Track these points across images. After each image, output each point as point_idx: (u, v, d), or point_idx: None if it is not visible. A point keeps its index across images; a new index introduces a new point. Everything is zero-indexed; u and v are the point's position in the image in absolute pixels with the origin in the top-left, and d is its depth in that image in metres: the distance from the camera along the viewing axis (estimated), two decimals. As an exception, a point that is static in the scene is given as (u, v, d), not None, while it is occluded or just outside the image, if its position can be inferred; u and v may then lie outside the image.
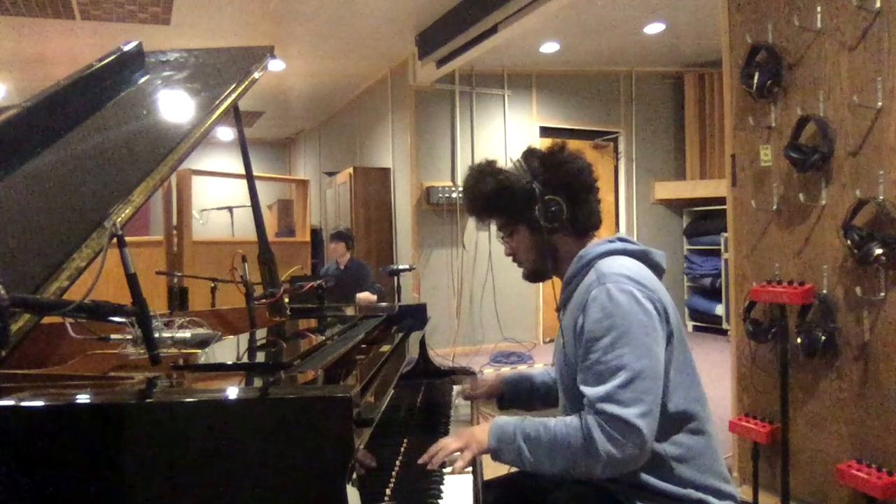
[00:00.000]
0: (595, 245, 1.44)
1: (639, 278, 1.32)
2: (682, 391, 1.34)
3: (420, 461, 1.32)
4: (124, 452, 0.89)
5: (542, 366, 5.67)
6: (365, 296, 5.13)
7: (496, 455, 1.33)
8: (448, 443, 1.34)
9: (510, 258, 1.54)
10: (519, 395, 1.74)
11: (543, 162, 1.44)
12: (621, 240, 1.44)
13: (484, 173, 1.47)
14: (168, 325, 1.42)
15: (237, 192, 6.98)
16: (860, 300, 2.35)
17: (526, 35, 5.53)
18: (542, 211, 1.41)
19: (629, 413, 1.21)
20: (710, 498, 1.32)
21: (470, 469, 1.32)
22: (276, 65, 6.30)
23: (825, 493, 2.50)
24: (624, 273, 1.32)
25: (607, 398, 1.23)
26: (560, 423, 1.28)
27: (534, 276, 1.52)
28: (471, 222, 6.56)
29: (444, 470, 1.32)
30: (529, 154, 1.48)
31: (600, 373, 1.25)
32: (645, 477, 1.31)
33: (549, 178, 1.42)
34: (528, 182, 1.41)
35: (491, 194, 1.45)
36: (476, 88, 6.64)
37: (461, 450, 1.33)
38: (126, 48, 1.81)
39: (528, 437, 1.29)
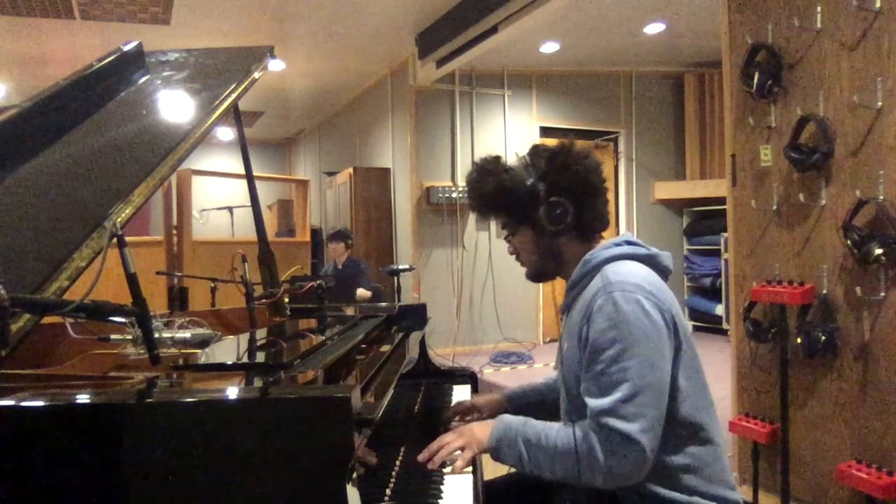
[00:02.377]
0: (601, 248, 1.40)
1: (647, 286, 1.28)
2: (691, 401, 1.31)
3: (420, 458, 1.31)
4: (124, 452, 0.89)
5: (541, 365, 5.69)
6: (360, 292, 5.15)
7: (496, 454, 1.31)
8: (449, 441, 1.32)
9: (513, 257, 1.51)
10: (522, 411, 1.66)
11: (550, 162, 1.40)
12: (629, 243, 1.40)
13: (488, 171, 1.43)
14: (168, 325, 1.42)
15: (237, 192, 6.97)
16: (860, 300, 2.35)
17: (526, 35, 5.53)
18: (546, 213, 1.37)
19: (630, 428, 1.18)
20: None
21: (470, 469, 1.32)
22: (276, 65, 6.30)
23: (825, 493, 2.50)
24: (631, 280, 1.28)
25: (609, 411, 1.20)
26: (562, 431, 1.27)
27: (536, 276, 1.50)
28: (471, 222, 6.56)
29: (444, 470, 1.31)
30: (536, 152, 1.43)
31: (604, 385, 1.23)
32: (652, 488, 1.29)
33: (555, 179, 1.38)
34: (533, 183, 1.38)
35: (494, 194, 1.42)
36: (476, 88, 6.64)
37: (462, 448, 1.31)
38: (126, 48, 1.81)
39: (528, 443, 1.28)
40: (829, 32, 2.45)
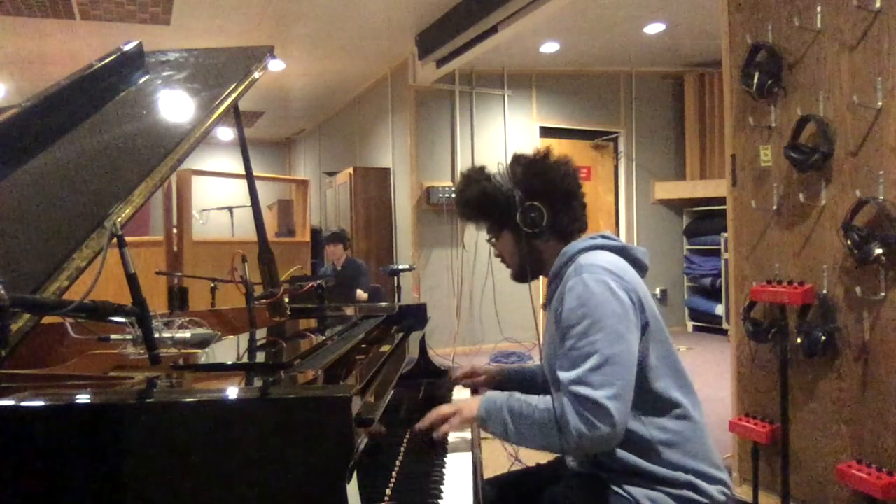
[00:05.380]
0: (577, 242, 1.49)
1: (615, 269, 1.37)
2: (665, 379, 1.39)
3: (417, 426, 1.41)
4: (124, 452, 0.89)
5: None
6: (358, 293, 5.16)
7: (484, 424, 1.39)
8: (441, 408, 1.42)
9: (499, 259, 1.61)
10: (517, 388, 1.76)
11: (527, 169, 1.50)
12: (602, 236, 1.50)
13: (471, 180, 1.54)
14: (168, 325, 1.42)
15: (237, 192, 6.98)
16: (860, 300, 2.35)
17: (526, 35, 5.53)
18: (522, 217, 1.47)
19: (598, 395, 1.25)
20: (700, 482, 1.36)
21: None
22: (276, 65, 6.30)
23: (825, 493, 2.50)
24: (600, 264, 1.37)
25: (579, 381, 1.28)
26: (542, 401, 1.34)
27: (519, 277, 1.59)
28: (471, 222, 6.56)
29: (434, 434, 1.40)
30: (516, 160, 1.54)
31: (574, 358, 1.31)
32: (635, 461, 1.36)
33: (530, 185, 1.48)
34: (511, 189, 1.48)
35: (475, 201, 1.53)
36: (476, 88, 6.64)
37: (452, 415, 1.40)
38: (126, 48, 1.81)
39: (512, 411, 1.35)
40: (829, 32, 2.45)
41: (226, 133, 9.26)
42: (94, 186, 1.40)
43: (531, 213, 1.47)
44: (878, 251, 2.22)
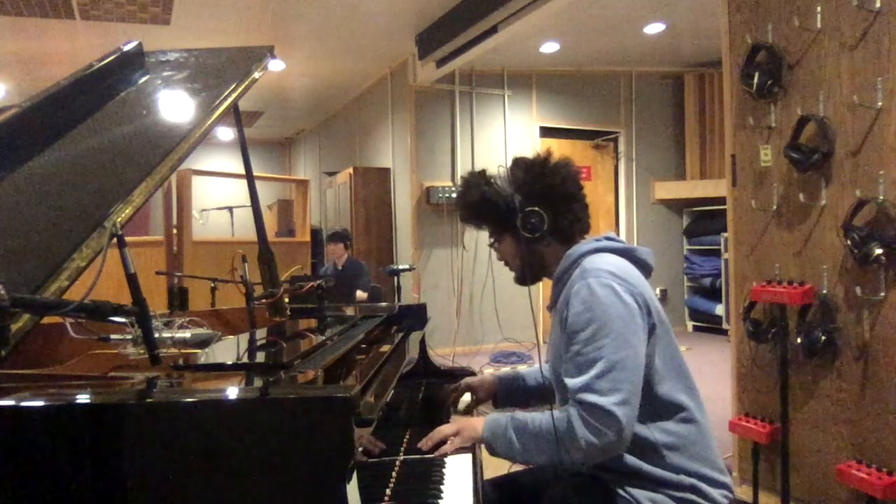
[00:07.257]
0: (582, 244, 1.49)
1: (620, 273, 1.37)
2: (671, 381, 1.38)
3: (419, 445, 1.40)
4: (124, 452, 0.89)
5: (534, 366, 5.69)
6: (358, 293, 5.16)
7: (490, 446, 1.38)
8: (443, 428, 1.41)
9: (502, 263, 1.61)
10: (513, 393, 1.79)
11: (527, 173, 1.49)
12: (608, 238, 1.49)
13: (471, 184, 1.54)
14: (168, 325, 1.42)
15: (237, 192, 6.98)
16: (860, 300, 2.35)
17: (526, 35, 5.53)
18: (523, 222, 1.46)
19: (606, 401, 1.25)
20: (703, 485, 1.35)
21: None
22: (276, 65, 6.30)
23: (825, 493, 2.50)
24: (605, 268, 1.37)
25: (586, 388, 1.27)
26: (547, 414, 1.33)
27: (522, 280, 1.59)
28: (471, 222, 6.56)
29: (435, 453, 1.38)
30: (515, 165, 1.53)
31: (580, 364, 1.30)
32: (638, 464, 1.35)
33: (531, 189, 1.47)
34: (511, 193, 1.47)
35: (475, 205, 1.53)
36: (476, 88, 6.64)
37: (454, 435, 1.39)
38: (126, 48, 1.80)
39: (517, 428, 1.35)
40: (829, 32, 2.45)
41: (226, 133, 9.26)
42: (94, 186, 1.40)
43: (531, 218, 1.46)
44: (878, 251, 2.22)
